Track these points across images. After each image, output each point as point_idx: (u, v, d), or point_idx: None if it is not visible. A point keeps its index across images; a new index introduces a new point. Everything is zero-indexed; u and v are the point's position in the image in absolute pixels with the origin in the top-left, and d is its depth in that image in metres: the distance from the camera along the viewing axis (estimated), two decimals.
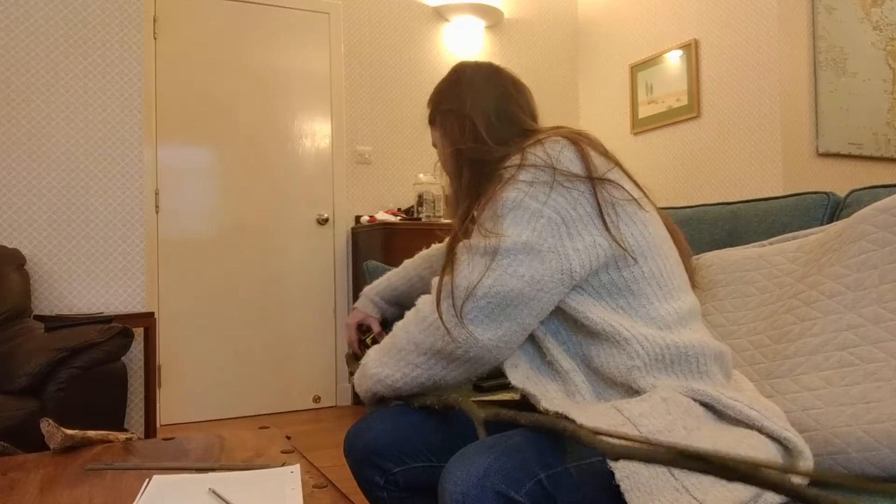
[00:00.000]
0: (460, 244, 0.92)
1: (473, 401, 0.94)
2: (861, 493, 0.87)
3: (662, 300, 0.91)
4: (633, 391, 0.87)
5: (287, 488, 0.93)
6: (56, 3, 2.66)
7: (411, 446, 1.00)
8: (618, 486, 0.73)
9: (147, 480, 0.97)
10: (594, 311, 0.89)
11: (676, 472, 0.75)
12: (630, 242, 0.90)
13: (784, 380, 1.03)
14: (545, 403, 0.87)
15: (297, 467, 1.02)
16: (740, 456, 0.61)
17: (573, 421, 0.75)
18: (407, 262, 1.42)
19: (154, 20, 3.33)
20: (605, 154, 0.94)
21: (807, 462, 0.86)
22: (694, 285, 1.02)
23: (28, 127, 2.62)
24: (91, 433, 1.21)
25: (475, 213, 0.96)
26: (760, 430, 0.85)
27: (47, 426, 1.15)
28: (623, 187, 0.92)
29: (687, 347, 0.88)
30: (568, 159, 0.90)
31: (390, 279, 1.40)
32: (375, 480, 1.02)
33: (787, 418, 0.95)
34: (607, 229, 0.89)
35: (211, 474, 0.99)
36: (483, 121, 1.05)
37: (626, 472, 0.73)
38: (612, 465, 0.73)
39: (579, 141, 0.92)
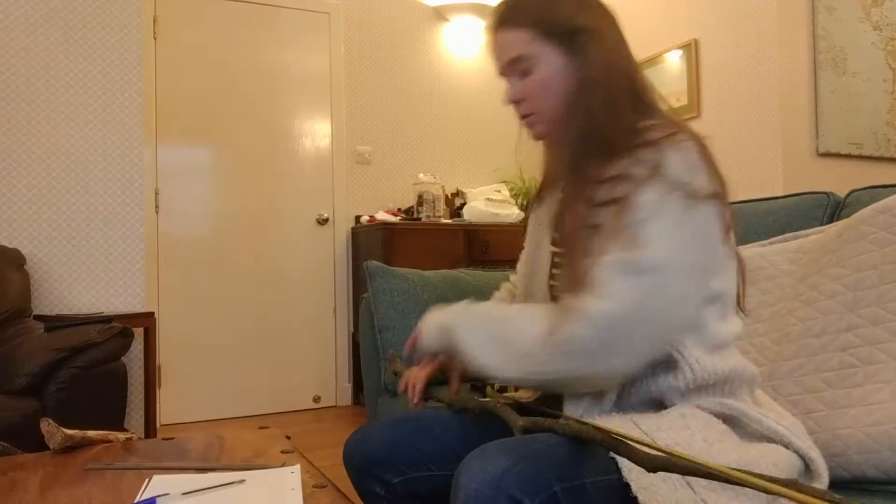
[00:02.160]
0: (603, 261, 0.80)
1: (501, 402, 0.92)
2: None
3: (720, 321, 0.88)
4: (658, 407, 0.86)
5: (287, 488, 0.93)
6: (56, 3, 2.66)
7: (410, 456, 0.99)
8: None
9: (147, 480, 0.97)
10: None
11: (695, 485, 0.73)
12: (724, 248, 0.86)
13: (785, 381, 1.03)
14: (568, 410, 0.86)
15: (297, 467, 1.02)
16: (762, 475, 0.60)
17: (609, 432, 0.73)
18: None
19: (154, 20, 3.33)
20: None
21: (823, 485, 0.84)
22: (741, 308, 0.96)
23: (28, 127, 2.62)
24: (91, 433, 1.21)
25: (593, 205, 0.85)
26: (787, 446, 0.84)
27: (47, 426, 1.15)
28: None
29: (729, 373, 0.86)
30: (700, 169, 0.83)
31: None
32: (376, 491, 1.01)
33: (793, 419, 0.95)
34: (730, 246, 0.85)
35: (211, 474, 0.99)
36: (630, 72, 0.92)
37: (642, 484, 0.72)
38: (628, 478, 0.72)
39: (707, 150, 0.86)
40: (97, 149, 2.73)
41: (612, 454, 0.73)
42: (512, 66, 0.98)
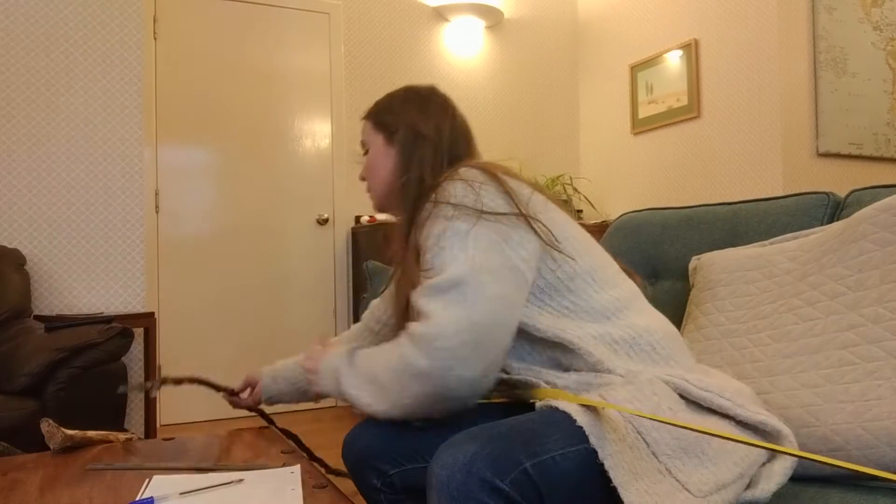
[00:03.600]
0: (416, 292, 0.91)
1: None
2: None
3: (601, 290, 0.96)
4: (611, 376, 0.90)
5: (287, 488, 0.93)
6: (56, 3, 2.66)
7: (406, 448, 1.00)
8: (602, 473, 0.73)
9: (147, 480, 0.97)
10: (542, 321, 0.93)
11: (660, 454, 0.77)
12: (559, 243, 0.95)
13: (783, 377, 1.04)
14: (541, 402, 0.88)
15: (297, 467, 1.02)
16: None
17: (587, 402, 0.78)
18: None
19: (154, 20, 3.33)
20: (517, 175, 1.01)
21: (790, 442, 0.88)
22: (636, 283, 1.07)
23: (28, 127, 2.62)
24: (91, 433, 1.21)
25: (409, 255, 0.99)
26: (734, 419, 0.87)
27: (47, 426, 1.15)
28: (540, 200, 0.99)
29: (636, 333, 0.93)
30: (484, 188, 0.95)
31: (287, 368, 1.39)
32: (372, 483, 1.03)
33: (781, 412, 0.96)
34: (535, 233, 0.94)
35: (211, 474, 0.99)
36: (443, 147, 1.08)
37: (609, 452, 0.74)
38: (596, 445, 0.74)
39: (488, 168, 0.99)
40: (97, 149, 2.73)
41: (579, 423, 0.76)
42: (362, 148, 1.20)
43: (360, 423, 1.08)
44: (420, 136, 1.09)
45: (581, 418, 0.77)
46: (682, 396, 0.86)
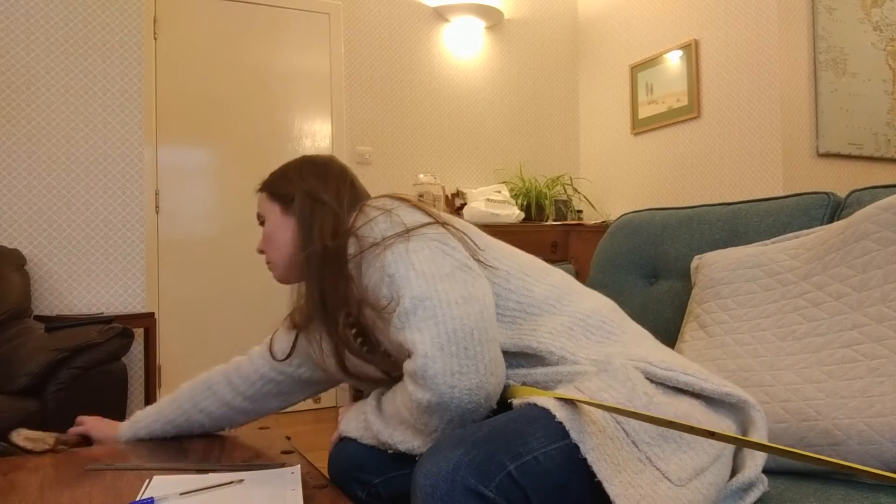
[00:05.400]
0: (392, 330, 0.90)
1: None
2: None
3: (537, 282, 0.98)
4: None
5: (287, 488, 0.93)
6: (56, 3, 2.66)
7: (388, 456, 1.00)
8: (586, 467, 0.73)
9: (147, 480, 0.96)
10: (503, 338, 0.93)
11: (640, 443, 0.78)
12: (481, 250, 0.98)
13: (786, 372, 1.04)
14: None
15: (297, 467, 1.02)
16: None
17: (562, 396, 0.78)
18: (182, 391, 1.28)
19: (154, 20, 3.33)
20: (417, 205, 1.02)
21: (757, 411, 0.89)
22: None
23: (28, 127, 2.62)
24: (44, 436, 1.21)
25: (362, 305, 0.97)
26: (701, 395, 0.87)
27: (24, 438, 1.16)
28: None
29: (584, 315, 0.95)
30: (400, 211, 0.97)
31: (161, 412, 1.27)
32: (358, 496, 1.03)
33: (782, 405, 0.95)
34: (458, 240, 0.96)
35: (211, 475, 0.99)
36: (343, 212, 1.06)
37: (591, 445, 0.74)
38: (577, 440, 0.74)
39: (392, 195, 1.01)
40: (97, 149, 2.73)
41: (559, 419, 0.76)
42: (258, 220, 1.16)
43: (343, 437, 1.09)
44: (319, 202, 1.07)
45: (560, 413, 0.77)
46: (649, 380, 0.87)
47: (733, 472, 0.86)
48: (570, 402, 0.79)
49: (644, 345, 0.95)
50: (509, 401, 0.88)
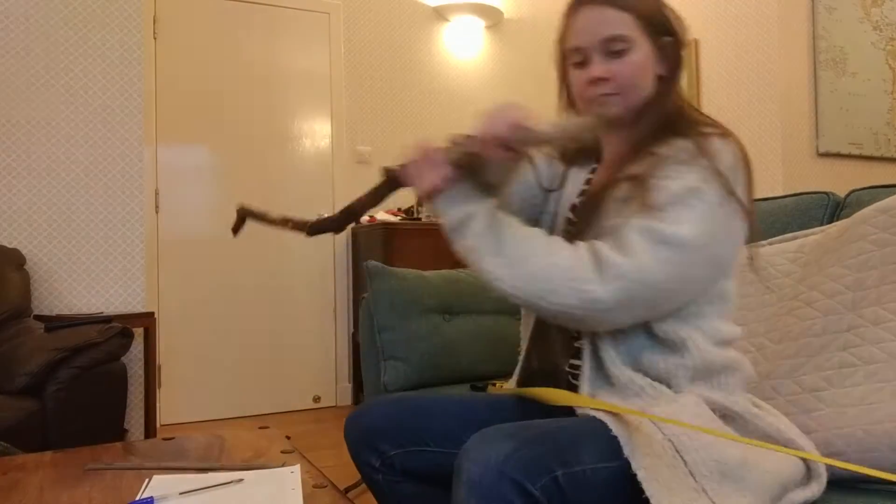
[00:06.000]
0: (637, 224, 0.84)
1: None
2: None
3: (720, 320, 0.92)
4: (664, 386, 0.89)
5: (287, 488, 0.93)
6: (56, 3, 2.66)
7: (409, 430, 1.01)
8: (632, 492, 0.73)
9: (147, 480, 0.97)
10: (666, 322, 0.88)
11: (698, 475, 0.75)
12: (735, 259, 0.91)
13: (785, 381, 1.03)
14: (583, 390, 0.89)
15: (297, 467, 1.02)
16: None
17: (629, 411, 0.78)
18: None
19: (154, 20, 3.32)
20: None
21: (821, 485, 0.87)
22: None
23: (28, 127, 2.62)
24: None
25: (644, 175, 0.88)
26: (787, 444, 0.86)
27: None
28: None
29: (729, 363, 0.91)
30: (739, 174, 0.89)
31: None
32: (371, 463, 1.03)
33: (789, 421, 0.95)
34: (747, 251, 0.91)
35: (211, 474, 0.99)
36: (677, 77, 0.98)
37: (644, 464, 0.74)
38: (630, 456, 0.74)
39: (748, 161, 0.93)
40: (97, 148, 2.73)
41: (613, 432, 0.76)
42: (605, 44, 0.95)
43: (364, 402, 1.09)
44: (681, 64, 0.98)
45: (616, 428, 0.77)
46: (734, 420, 0.86)
47: None
48: (628, 423, 0.78)
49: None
50: (577, 411, 0.88)
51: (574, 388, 0.93)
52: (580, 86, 0.99)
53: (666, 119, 0.94)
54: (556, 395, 0.89)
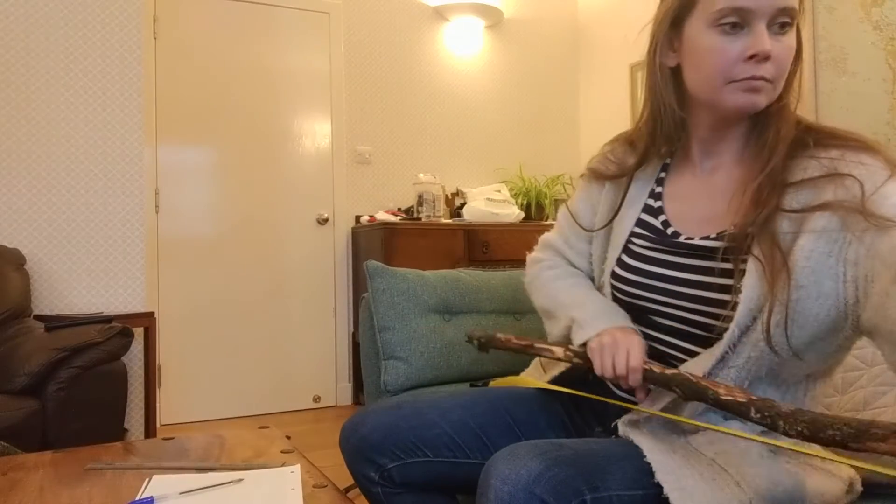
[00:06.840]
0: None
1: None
2: None
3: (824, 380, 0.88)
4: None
5: (287, 488, 0.93)
6: (56, 3, 2.66)
7: (405, 441, 0.99)
8: None
9: (147, 480, 0.97)
10: (799, 367, 0.81)
11: (745, 486, 0.74)
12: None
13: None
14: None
15: (297, 467, 1.02)
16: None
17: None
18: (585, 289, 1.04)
19: (154, 20, 3.32)
20: None
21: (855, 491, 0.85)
22: None
23: (28, 127, 2.62)
24: None
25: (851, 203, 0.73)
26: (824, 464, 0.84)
27: None
28: None
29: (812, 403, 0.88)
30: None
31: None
32: (370, 476, 1.01)
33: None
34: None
35: (211, 474, 0.99)
36: None
37: (678, 485, 0.72)
38: (662, 480, 0.73)
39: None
40: (97, 149, 2.73)
41: (647, 458, 0.74)
42: (778, 16, 0.80)
43: (359, 411, 1.07)
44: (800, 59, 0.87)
45: (652, 456, 0.75)
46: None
47: None
48: (665, 446, 0.77)
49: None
50: (614, 428, 0.86)
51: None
52: (726, 60, 0.81)
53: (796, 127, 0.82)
54: (527, 381, 0.88)
